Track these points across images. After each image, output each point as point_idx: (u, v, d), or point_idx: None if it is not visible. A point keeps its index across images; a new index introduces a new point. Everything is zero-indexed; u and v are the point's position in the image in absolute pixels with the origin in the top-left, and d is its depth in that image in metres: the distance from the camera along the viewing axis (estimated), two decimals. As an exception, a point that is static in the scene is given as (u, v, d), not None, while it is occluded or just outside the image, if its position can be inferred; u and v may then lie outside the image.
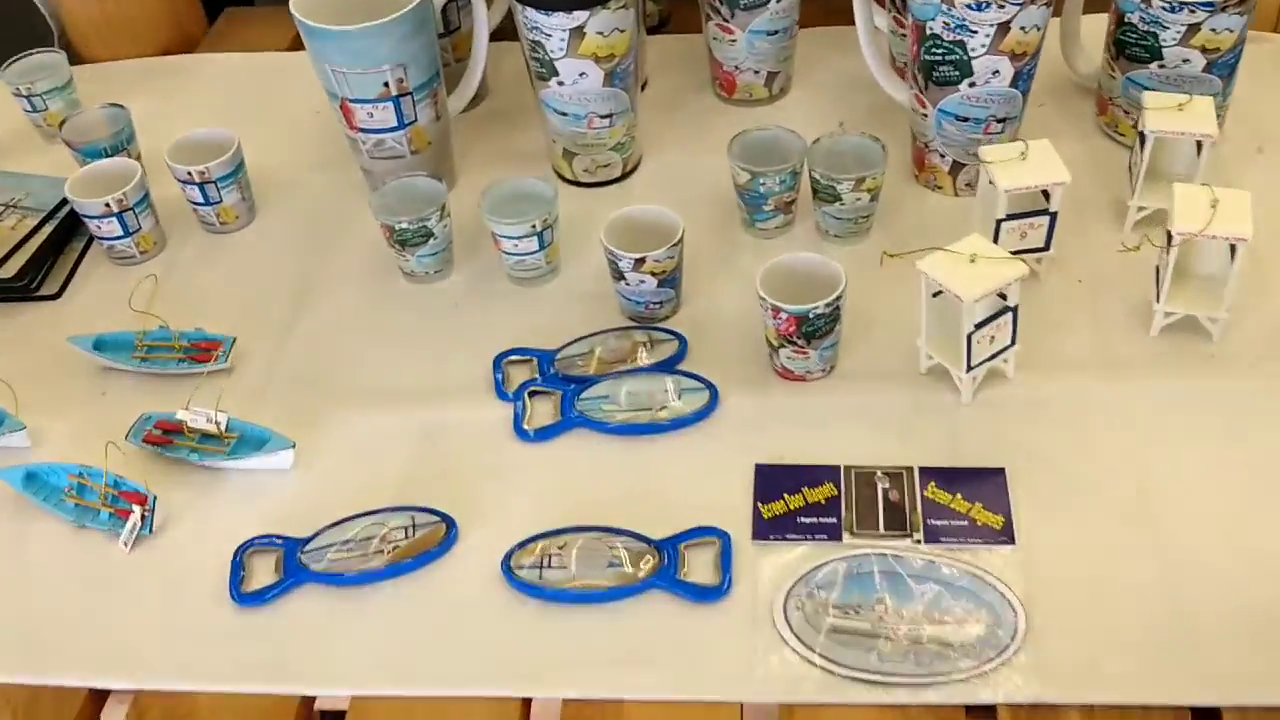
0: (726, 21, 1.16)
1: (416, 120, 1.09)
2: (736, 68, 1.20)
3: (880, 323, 0.98)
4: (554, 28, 1.02)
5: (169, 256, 1.15)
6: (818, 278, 0.93)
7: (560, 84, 1.06)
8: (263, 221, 1.17)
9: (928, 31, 0.99)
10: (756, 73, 1.20)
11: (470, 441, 0.93)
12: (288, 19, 1.04)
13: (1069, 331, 0.96)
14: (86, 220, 1.09)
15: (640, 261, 0.95)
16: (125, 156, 1.18)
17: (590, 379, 0.96)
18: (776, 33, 1.17)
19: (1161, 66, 1.04)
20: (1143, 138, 1.01)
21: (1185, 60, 1.03)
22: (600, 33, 1.03)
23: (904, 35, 1.16)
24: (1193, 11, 1.00)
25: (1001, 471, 0.87)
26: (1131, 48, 1.05)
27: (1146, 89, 1.06)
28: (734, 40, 1.17)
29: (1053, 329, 0.96)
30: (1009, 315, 0.88)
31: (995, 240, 0.97)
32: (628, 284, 0.97)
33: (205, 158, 1.11)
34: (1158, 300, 0.93)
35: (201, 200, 1.13)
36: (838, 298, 0.89)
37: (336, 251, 1.13)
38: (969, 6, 0.95)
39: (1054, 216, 0.96)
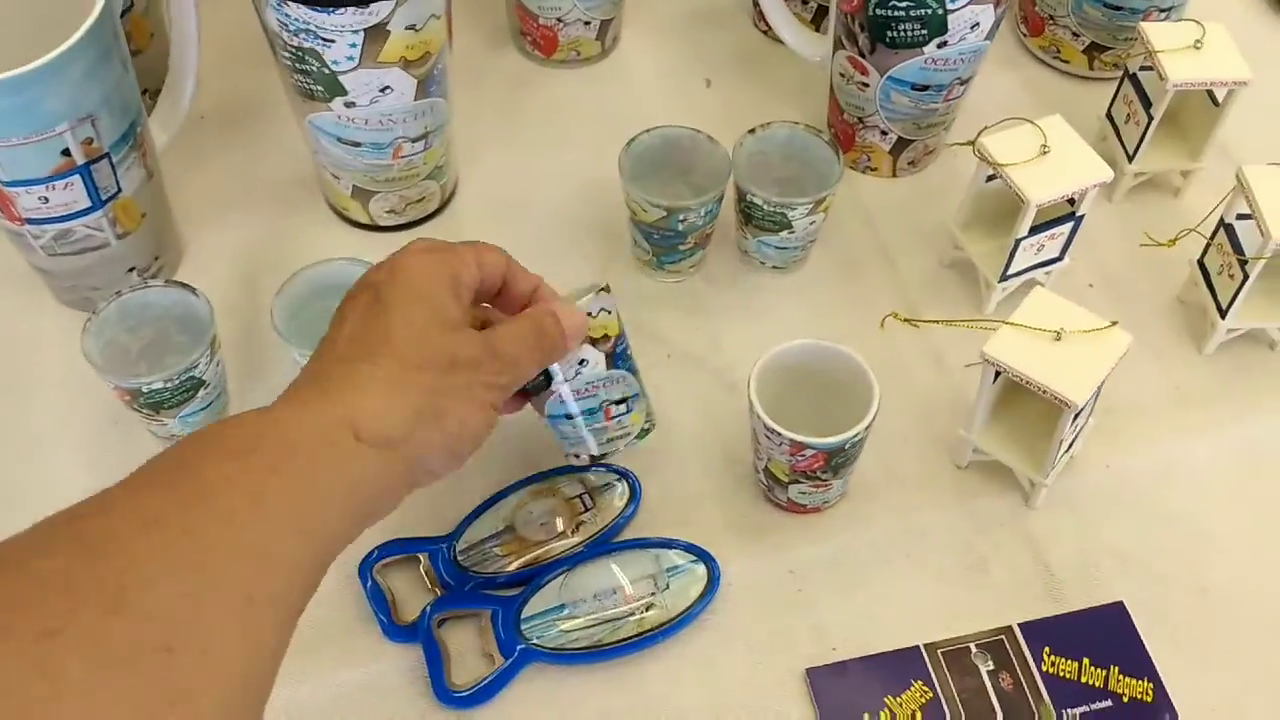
0: (545, -39, 0.80)
1: (120, 191, 0.68)
2: (559, 20, 0.85)
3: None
4: (339, 29, 0.64)
5: None
6: (824, 372, 0.65)
7: (350, 105, 0.69)
8: (-123, 372, 0.73)
9: (887, -21, 0.69)
10: (587, 24, 0.86)
11: (365, 724, 0.60)
12: None
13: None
14: None
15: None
16: None
17: (523, 578, 0.64)
18: (613, -32, 0.83)
19: (1132, -23, 0.81)
20: (1136, 82, 0.78)
21: (1162, -32, 0.80)
22: (412, 26, 0.66)
23: (785, -45, 0.86)
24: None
25: (1121, 607, 0.65)
26: (1093, -43, 0.81)
27: (1110, 6, 0.83)
28: (558, -15, 0.82)
29: (1089, 364, 0.73)
30: (1096, 393, 0.65)
31: (1010, 262, 0.72)
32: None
33: None
34: (1221, 312, 0.72)
35: None
36: (877, 412, 0.62)
37: (16, 404, 0.71)
38: (960, -55, 0.66)
39: (1079, 221, 0.72)
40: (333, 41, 0.64)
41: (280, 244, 0.78)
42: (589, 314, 0.59)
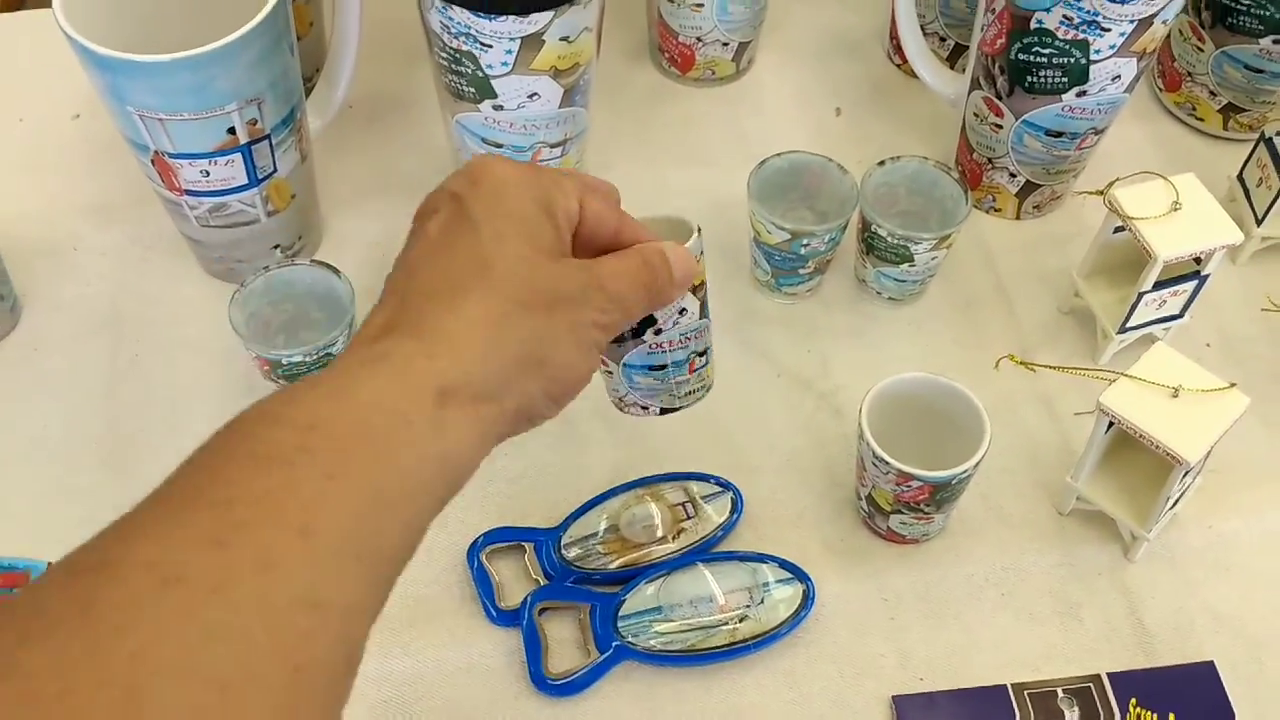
0: (692, -19, 0.83)
1: (276, 172, 0.71)
2: (699, 39, 0.87)
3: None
4: (498, 35, 0.67)
5: (-113, 394, 0.74)
6: (936, 407, 0.66)
7: (498, 109, 0.71)
8: (34, 324, 0.77)
9: (1032, 25, 0.70)
10: (725, 45, 0.88)
11: (459, 706, 0.63)
12: None
13: (1220, 425, 0.74)
14: None
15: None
16: None
17: (622, 577, 0.66)
18: (757, -8, 0.85)
19: (1278, 42, 0.80)
20: (1272, 146, 0.78)
21: (1310, 35, 0.80)
22: (565, 38, 0.68)
23: (926, -8, 0.87)
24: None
25: (1211, 667, 0.65)
26: (1239, 16, 0.80)
27: (1251, 69, 0.83)
28: (700, 5, 0.84)
29: (1199, 423, 0.73)
30: (1208, 453, 0.65)
31: (1130, 315, 0.72)
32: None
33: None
34: (1340, 386, 0.72)
35: (-69, 313, 0.72)
36: (987, 451, 0.63)
37: (159, 366, 0.75)
38: (1109, -1, 0.67)
39: (1204, 280, 0.72)
40: (490, 47, 0.67)
41: (414, 234, 0.81)
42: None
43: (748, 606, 0.65)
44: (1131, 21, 0.68)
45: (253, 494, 0.33)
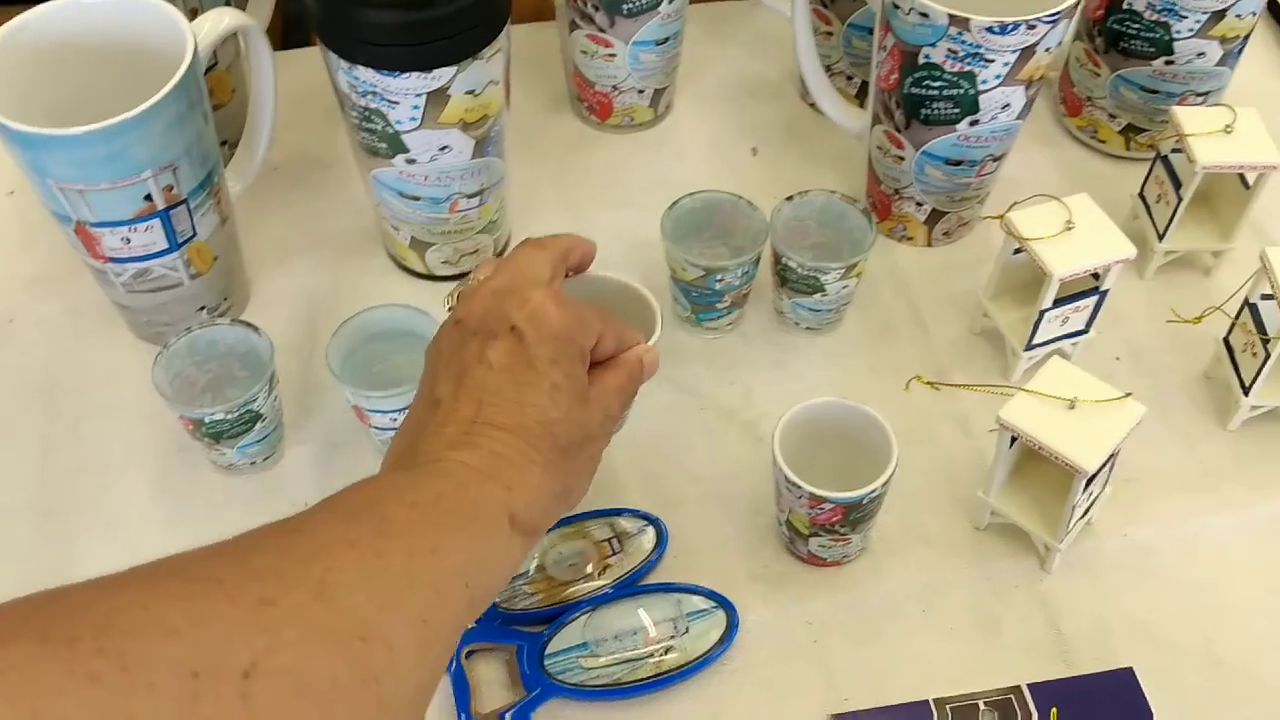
0: (603, 32, 0.85)
1: (196, 235, 0.73)
2: (615, 88, 0.89)
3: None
4: (403, 92, 0.69)
5: None
6: (847, 430, 0.67)
7: (411, 162, 0.73)
8: (-34, 394, 0.79)
9: (920, 60, 0.73)
10: (641, 92, 0.90)
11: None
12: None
13: (1134, 435, 0.76)
14: None
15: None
16: None
17: (548, 615, 0.67)
18: (667, 40, 0.87)
19: (1169, 63, 0.83)
20: (1167, 163, 0.80)
21: (1200, 54, 0.83)
22: (471, 91, 0.70)
23: (829, 33, 0.90)
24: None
25: (1130, 674, 0.66)
26: (1131, 40, 0.83)
27: (1146, 90, 0.85)
28: (613, 55, 0.86)
29: (1112, 434, 0.75)
30: (1111, 462, 0.67)
31: (1034, 332, 0.74)
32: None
33: None
34: (1245, 389, 0.74)
35: None
36: (895, 470, 0.65)
37: (93, 430, 0.76)
38: (990, 30, 0.69)
39: (1103, 295, 0.75)
40: (397, 103, 0.69)
41: (341, 290, 0.83)
42: None
43: (673, 637, 0.66)
44: (1014, 52, 0.71)
45: (400, 521, 0.45)
